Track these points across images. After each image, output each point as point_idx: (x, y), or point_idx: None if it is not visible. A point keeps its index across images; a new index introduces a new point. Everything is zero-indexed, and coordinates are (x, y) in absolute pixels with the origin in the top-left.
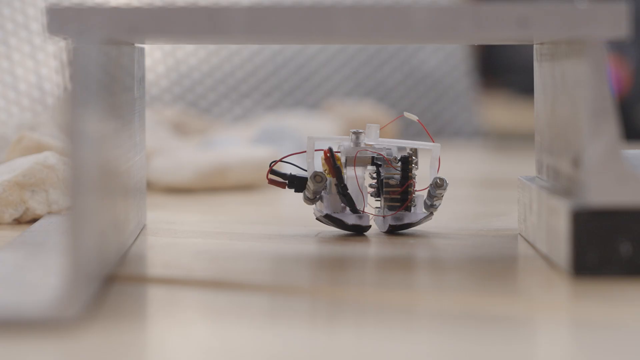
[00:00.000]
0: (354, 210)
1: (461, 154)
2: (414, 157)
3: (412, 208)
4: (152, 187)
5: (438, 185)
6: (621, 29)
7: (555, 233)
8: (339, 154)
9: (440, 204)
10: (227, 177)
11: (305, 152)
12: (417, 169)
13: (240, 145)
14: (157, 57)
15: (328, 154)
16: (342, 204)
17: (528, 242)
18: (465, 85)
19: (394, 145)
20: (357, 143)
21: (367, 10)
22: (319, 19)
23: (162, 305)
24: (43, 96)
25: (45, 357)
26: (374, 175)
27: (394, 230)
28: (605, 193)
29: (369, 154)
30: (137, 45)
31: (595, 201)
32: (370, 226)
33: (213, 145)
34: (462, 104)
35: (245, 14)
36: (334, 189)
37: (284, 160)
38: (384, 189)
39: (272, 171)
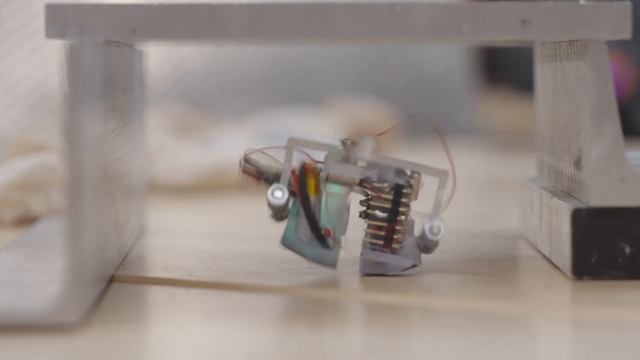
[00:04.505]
0: (317, 231)
1: (462, 152)
2: (411, 183)
3: (398, 250)
4: (153, 187)
5: (431, 234)
6: (624, 29)
7: (557, 234)
8: (319, 166)
9: (436, 248)
10: (228, 178)
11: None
12: (414, 199)
13: (242, 145)
14: (158, 55)
15: (296, 173)
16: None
17: (529, 243)
18: (468, 81)
19: (392, 166)
20: (346, 157)
21: (366, 9)
22: (318, 17)
23: (162, 306)
24: (43, 97)
25: (45, 357)
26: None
27: (367, 274)
28: (607, 194)
29: (356, 176)
30: (139, 46)
31: (597, 202)
32: (335, 265)
33: (214, 144)
34: (463, 101)
35: (245, 10)
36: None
37: (261, 150)
38: (368, 221)
39: (247, 160)
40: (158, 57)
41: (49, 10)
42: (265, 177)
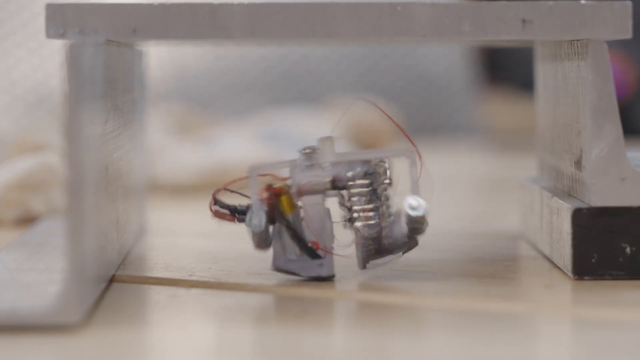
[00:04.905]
0: (312, 254)
1: (462, 151)
2: (383, 167)
3: (389, 244)
4: (154, 187)
5: (412, 220)
6: (625, 29)
7: (557, 234)
8: (287, 184)
9: (426, 226)
10: (229, 177)
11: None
12: (389, 184)
13: (242, 145)
14: (160, 55)
15: (265, 194)
16: (298, 248)
17: (529, 243)
18: (468, 80)
19: (357, 159)
20: (309, 165)
21: (367, 9)
22: (318, 17)
23: (163, 306)
24: (44, 97)
25: (46, 357)
26: (344, 202)
27: (371, 266)
28: (608, 194)
29: (324, 178)
30: (139, 46)
31: (597, 202)
32: (334, 275)
33: (215, 144)
34: (464, 100)
35: (245, 10)
36: (284, 233)
37: (228, 188)
38: (353, 215)
39: (215, 202)
40: (159, 56)
41: (49, 10)
42: (239, 214)
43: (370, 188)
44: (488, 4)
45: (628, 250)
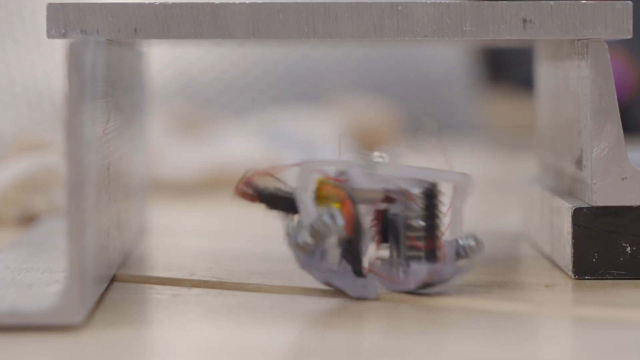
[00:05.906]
0: (358, 272)
1: (463, 151)
2: (439, 190)
3: (442, 259)
4: (155, 186)
5: (472, 250)
6: (626, 29)
7: (558, 233)
8: (343, 185)
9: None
10: (231, 177)
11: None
12: (442, 204)
13: (244, 144)
14: (162, 53)
15: (350, 208)
16: (341, 258)
17: (530, 242)
18: (470, 79)
19: (413, 176)
20: (368, 170)
21: (368, 9)
22: (319, 17)
23: (164, 306)
24: (44, 96)
25: (47, 357)
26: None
27: (420, 290)
28: (608, 193)
29: (381, 188)
30: (140, 46)
31: (598, 201)
32: (377, 298)
33: (216, 143)
34: (466, 98)
35: (247, 10)
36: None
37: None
38: (406, 233)
39: (246, 182)
40: (161, 56)
41: (50, 10)
42: (263, 199)
43: (427, 212)
44: (489, 3)
45: (629, 249)
